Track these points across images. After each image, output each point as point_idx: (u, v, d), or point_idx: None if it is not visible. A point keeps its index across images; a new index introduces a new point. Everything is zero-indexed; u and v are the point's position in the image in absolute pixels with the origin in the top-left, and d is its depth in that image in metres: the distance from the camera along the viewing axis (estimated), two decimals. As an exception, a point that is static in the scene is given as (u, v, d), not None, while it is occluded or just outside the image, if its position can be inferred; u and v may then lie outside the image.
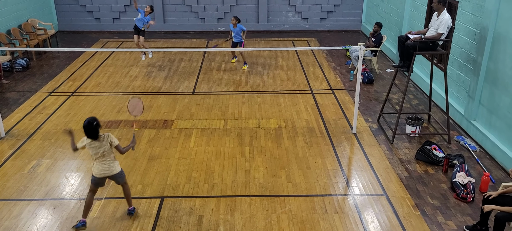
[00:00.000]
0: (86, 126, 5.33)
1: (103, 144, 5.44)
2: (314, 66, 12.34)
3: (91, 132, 5.36)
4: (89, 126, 5.33)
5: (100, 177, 5.59)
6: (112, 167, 5.57)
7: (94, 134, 5.37)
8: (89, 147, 5.47)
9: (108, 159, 5.53)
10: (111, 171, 5.57)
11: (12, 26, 12.95)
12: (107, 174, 5.57)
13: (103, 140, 5.44)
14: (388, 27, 13.28)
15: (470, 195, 6.37)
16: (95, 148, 5.45)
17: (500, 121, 7.48)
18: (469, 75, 8.46)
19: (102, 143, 5.44)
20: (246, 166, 7.25)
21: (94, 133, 5.37)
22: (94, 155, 5.50)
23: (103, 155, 5.49)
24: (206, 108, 9.50)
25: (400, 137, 8.27)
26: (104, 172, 5.55)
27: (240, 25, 11.68)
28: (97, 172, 5.55)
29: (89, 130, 5.34)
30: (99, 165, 5.52)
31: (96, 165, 5.53)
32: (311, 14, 16.26)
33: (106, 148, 5.46)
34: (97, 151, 5.45)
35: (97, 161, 5.52)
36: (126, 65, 12.28)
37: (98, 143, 5.43)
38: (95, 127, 5.36)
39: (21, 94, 10.22)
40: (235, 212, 6.13)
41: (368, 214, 6.11)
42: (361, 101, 9.87)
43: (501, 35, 7.47)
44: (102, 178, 5.60)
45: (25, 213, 6.10)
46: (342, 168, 7.25)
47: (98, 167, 5.52)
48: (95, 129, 5.36)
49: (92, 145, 5.45)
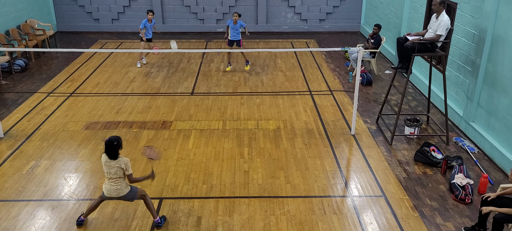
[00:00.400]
0: (107, 144, 5.27)
1: (117, 166, 5.36)
2: (313, 67, 12.34)
3: (110, 151, 5.29)
4: (110, 145, 5.26)
5: (108, 197, 5.56)
6: (119, 189, 5.46)
7: (112, 154, 5.31)
8: (104, 164, 5.42)
9: (117, 181, 5.44)
10: (118, 193, 5.48)
11: (10, 26, 12.94)
12: (113, 195, 5.50)
13: (118, 163, 5.35)
14: (387, 29, 13.30)
15: (468, 197, 6.38)
16: (109, 167, 5.38)
17: (498, 123, 7.50)
18: (467, 77, 8.47)
19: (116, 165, 5.35)
20: (245, 167, 7.25)
21: (113, 152, 5.30)
22: (106, 173, 5.44)
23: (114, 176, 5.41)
24: (205, 109, 9.49)
25: (398, 138, 8.28)
26: (111, 193, 5.49)
27: (240, 21, 11.49)
28: (105, 191, 5.51)
29: (108, 148, 5.28)
30: (108, 185, 5.47)
31: (106, 184, 5.49)
32: (310, 15, 16.28)
33: (118, 171, 5.38)
34: (110, 170, 5.39)
35: (108, 180, 5.47)
36: (125, 66, 12.28)
37: (113, 163, 5.35)
38: (115, 147, 5.28)
39: (19, 95, 10.21)
40: (234, 213, 6.12)
41: (367, 215, 6.11)
42: (360, 102, 9.87)
43: (499, 37, 7.48)
44: (109, 197, 5.57)
45: (24, 213, 6.08)
46: (341, 169, 7.25)
47: (107, 187, 5.48)
48: (115, 148, 5.28)
49: (107, 163, 5.39)
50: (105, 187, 5.51)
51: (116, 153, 5.32)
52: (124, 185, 5.49)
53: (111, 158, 5.33)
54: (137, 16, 16.05)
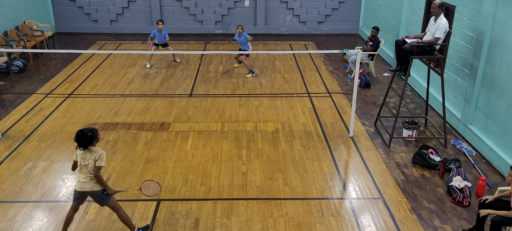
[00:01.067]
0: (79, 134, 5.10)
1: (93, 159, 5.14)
2: (312, 69, 12.36)
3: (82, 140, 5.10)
4: (83, 135, 5.08)
5: (79, 191, 5.29)
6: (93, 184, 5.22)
7: (84, 143, 5.12)
8: (79, 157, 5.20)
9: (92, 175, 5.20)
10: (91, 187, 5.22)
11: (9, 27, 12.92)
12: (86, 189, 5.23)
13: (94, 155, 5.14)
14: (386, 31, 13.32)
15: (466, 199, 6.39)
16: (84, 159, 5.17)
17: (496, 126, 7.51)
18: (465, 80, 8.49)
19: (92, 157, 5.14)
20: (243, 169, 7.24)
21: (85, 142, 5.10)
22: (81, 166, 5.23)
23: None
24: (203, 111, 9.49)
25: (397, 141, 8.29)
26: (84, 187, 5.23)
27: (244, 33, 11.49)
28: (78, 186, 5.26)
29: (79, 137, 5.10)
30: (81, 179, 5.25)
31: (79, 177, 5.27)
32: (309, 18, 16.30)
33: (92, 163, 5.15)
34: (84, 162, 5.17)
35: (81, 174, 5.24)
36: (124, 68, 12.27)
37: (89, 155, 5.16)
38: (89, 137, 5.11)
39: (17, 96, 10.19)
40: (232, 215, 6.12)
41: (365, 217, 6.12)
42: (358, 105, 9.88)
43: (497, 40, 7.50)
44: (81, 193, 5.30)
45: (21, 215, 6.07)
46: (339, 171, 7.25)
47: (80, 181, 5.25)
48: (88, 139, 5.10)
49: (82, 155, 5.19)
50: (77, 182, 5.27)
51: (88, 144, 5.10)
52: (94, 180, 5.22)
53: (82, 147, 5.11)
54: (136, 17, 16.05)
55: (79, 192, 5.30)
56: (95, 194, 5.28)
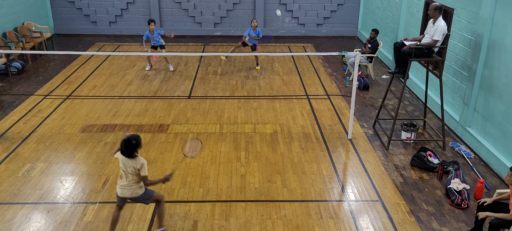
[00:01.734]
0: (125, 141, 5.06)
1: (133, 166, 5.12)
2: (310, 71, 12.36)
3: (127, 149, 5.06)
4: (128, 142, 5.04)
5: (121, 197, 5.33)
6: (133, 190, 5.25)
7: (128, 152, 5.07)
8: (120, 162, 5.20)
9: (132, 182, 5.21)
10: (131, 194, 5.26)
11: (8, 29, 12.91)
12: (127, 195, 5.28)
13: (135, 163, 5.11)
14: (384, 34, 13.34)
15: (464, 202, 6.39)
16: (125, 166, 5.14)
17: (494, 128, 7.52)
18: (464, 82, 8.50)
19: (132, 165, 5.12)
20: (242, 171, 7.24)
21: (129, 151, 5.06)
22: (122, 173, 5.24)
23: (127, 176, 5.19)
24: (202, 113, 9.49)
25: (395, 143, 8.29)
26: (124, 194, 5.27)
27: (258, 29, 12.09)
28: (119, 191, 5.30)
29: (125, 145, 5.06)
30: (122, 185, 5.27)
31: (120, 183, 5.29)
32: (308, 20, 16.32)
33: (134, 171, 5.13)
34: (126, 169, 5.16)
35: (121, 180, 5.27)
36: (122, 69, 12.26)
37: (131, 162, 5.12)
38: (134, 145, 5.05)
39: (16, 97, 10.18)
40: (230, 217, 6.11)
41: (363, 220, 6.11)
42: (357, 107, 9.89)
43: (496, 43, 7.52)
44: (123, 198, 5.35)
45: (19, 217, 6.05)
46: (338, 173, 7.25)
47: (121, 187, 5.28)
48: (133, 147, 5.05)
49: (124, 162, 5.16)
50: (118, 187, 5.29)
51: (132, 151, 5.06)
52: (139, 186, 5.27)
53: (127, 156, 5.09)
54: (135, 19, 16.05)
55: (120, 197, 5.35)
56: (136, 199, 5.33)
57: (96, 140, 8.20)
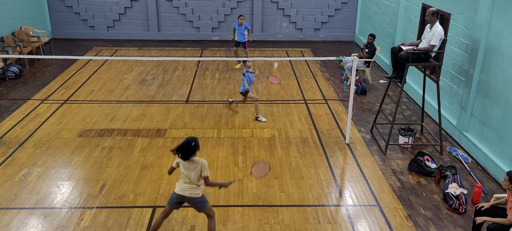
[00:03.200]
0: (184, 144, 5.06)
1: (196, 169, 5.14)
2: (308, 76, 12.38)
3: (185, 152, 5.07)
4: (187, 145, 5.05)
5: (179, 194, 5.28)
6: (193, 191, 5.23)
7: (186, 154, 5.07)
8: (182, 166, 5.21)
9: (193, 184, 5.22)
10: (190, 193, 5.23)
11: (5, 33, 12.89)
12: (186, 194, 5.24)
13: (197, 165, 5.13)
14: (381, 39, 13.39)
15: (462, 206, 6.39)
16: (188, 169, 5.15)
17: (492, 133, 7.54)
18: (461, 87, 8.53)
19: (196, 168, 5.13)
20: (239, 176, 7.23)
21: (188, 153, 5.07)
22: (184, 176, 5.23)
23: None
24: (200, 117, 9.48)
25: (393, 148, 8.30)
26: (183, 192, 5.24)
27: (245, 23, 12.44)
28: (178, 189, 5.28)
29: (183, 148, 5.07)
30: (183, 185, 5.26)
31: (181, 183, 5.28)
32: (305, 25, 16.36)
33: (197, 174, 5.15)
34: (189, 173, 5.16)
35: (182, 181, 5.27)
36: (120, 74, 12.25)
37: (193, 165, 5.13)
38: (193, 147, 5.06)
39: (13, 102, 10.15)
40: (228, 222, 6.09)
41: (361, 224, 6.11)
42: (354, 111, 9.90)
43: (492, 48, 7.55)
44: (180, 197, 5.30)
45: (15, 222, 6.02)
46: (335, 178, 7.25)
47: (181, 186, 5.27)
48: (192, 149, 5.06)
49: (186, 165, 5.16)
50: (178, 186, 5.28)
51: (190, 154, 5.07)
52: (200, 188, 5.26)
53: (184, 159, 5.08)
54: (133, 24, 16.06)
55: (178, 195, 5.28)
56: (193, 200, 5.28)
57: (94, 144, 8.18)
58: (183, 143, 5.05)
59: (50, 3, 15.69)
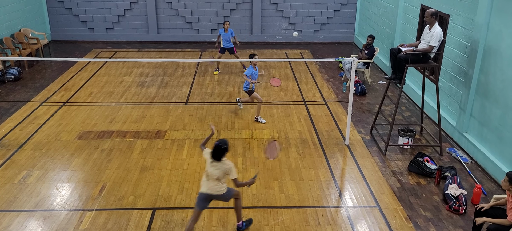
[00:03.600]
0: (216, 146, 5.36)
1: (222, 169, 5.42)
2: (307, 77, 12.39)
3: (217, 153, 5.38)
4: (218, 147, 5.35)
5: (206, 194, 5.53)
6: (219, 189, 5.51)
7: (217, 155, 5.39)
8: (209, 164, 5.46)
9: (218, 182, 5.49)
10: (218, 191, 5.51)
11: (4, 35, 12.89)
12: (214, 193, 5.51)
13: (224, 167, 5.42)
14: (381, 40, 13.40)
15: (462, 207, 6.39)
16: (214, 168, 5.42)
17: (491, 133, 7.55)
18: (460, 88, 8.54)
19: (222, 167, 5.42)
20: (239, 177, 7.22)
21: (219, 154, 5.38)
22: (209, 173, 5.47)
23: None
24: (199, 119, 9.48)
25: (392, 149, 8.30)
26: (211, 191, 5.50)
27: (231, 29, 12.35)
28: (205, 188, 5.52)
29: (215, 150, 5.38)
30: (210, 184, 5.49)
31: (206, 182, 5.51)
32: (304, 26, 16.38)
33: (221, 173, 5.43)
34: (214, 171, 5.42)
35: (208, 180, 5.50)
36: (119, 75, 12.25)
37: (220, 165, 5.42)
38: (223, 150, 5.37)
39: (12, 104, 10.14)
40: (228, 224, 6.09)
41: (361, 226, 6.10)
42: (354, 112, 9.90)
43: (491, 49, 7.56)
44: (208, 195, 5.54)
45: (15, 224, 6.01)
46: (335, 179, 7.24)
47: (207, 185, 5.50)
48: (222, 151, 5.37)
49: (212, 164, 5.43)
50: (204, 185, 5.52)
51: (221, 156, 5.38)
52: (224, 185, 5.55)
53: (215, 159, 5.38)
54: (132, 26, 16.07)
55: (206, 194, 5.53)
56: (220, 196, 5.59)
57: (93, 146, 8.18)
58: (216, 145, 5.37)
59: (49, 5, 15.69)
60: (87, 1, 15.69)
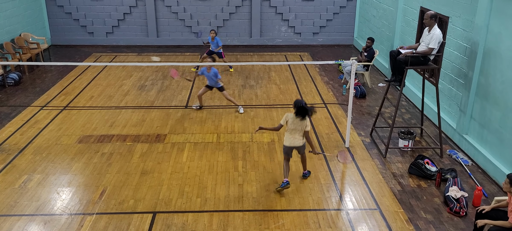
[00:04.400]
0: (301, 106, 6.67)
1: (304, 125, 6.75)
2: (307, 80, 12.40)
3: (303, 112, 6.65)
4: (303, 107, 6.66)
5: (289, 146, 6.86)
6: (300, 140, 6.83)
7: (304, 114, 6.68)
8: (291, 121, 6.75)
9: (299, 135, 6.81)
10: (299, 143, 6.83)
11: (4, 40, 12.91)
12: (296, 144, 6.82)
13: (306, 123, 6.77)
14: (380, 42, 13.42)
15: (463, 209, 6.38)
16: (297, 124, 6.72)
17: (491, 135, 7.54)
18: (460, 90, 8.54)
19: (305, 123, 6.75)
20: (239, 180, 7.22)
21: (305, 113, 6.67)
22: (292, 129, 6.79)
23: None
24: (199, 122, 9.48)
25: (392, 151, 8.30)
26: (294, 143, 6.82)
27: (217, 38, 12.78)
28: (288, 142, 6.84)
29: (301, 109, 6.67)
30: (292, 138, 6.81)
31: (290, 137, 6.83)
32: (304, 29, 16.40)
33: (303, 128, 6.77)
34: (296, 127, 6.74)
35: (291, 134, 6.81)
36: (119, 79, 12.26)
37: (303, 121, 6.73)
38: (308, 110, 6.70)
39: (12, 109, 10.14)
40: (228, 227, 6.08)
41: (362, 228, 6.09)
42: (354, 115, 9.91)
43: (491, 50, 7.57)
44: (290, 148, 6.87)
45: (15, 229, 6.00)
46: (335, 182, 7.24)
47: (290, 140, 6.82)
48: (307, 111, 6.68)
49: (295, 121, 6.72)
50: (288, 140, 6.83)
51: (306, 114, 6.67)
52: (303, 139, 6.86)
53: (303, 116, 6.67)
54: (132, 30, 16.09)
55: (290, 147, 6.87)
56: (300, 147, 6.91)
57: (93, 150, 8.17)
58: (301, 105, 6.67)
59: (49, 9, 15.72)
60: (87, 5, 15.72)
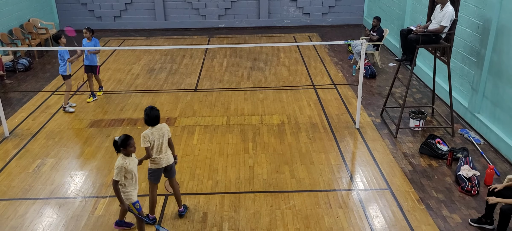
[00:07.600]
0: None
1: None
2: (316, 61, 12.31)
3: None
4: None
5: None
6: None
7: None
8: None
9: None
10: None
11: (13, 26, 12.97)
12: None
13: None
14: (390, 21, 13.22)
15: (474, 188, 6.36)
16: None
17: (504, 114, 7.45)
18: (472, 68, 8.42)
19: None
20: (250, 162, 7.25)
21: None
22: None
23: None
24: (209, 105, 9.49)
25: (403, 131, 8.25)
26: None
27: (95, 38, 9.72)
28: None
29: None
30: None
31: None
32: (312, 9, 16.21)
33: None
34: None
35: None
36: (128, 64, 12.29)
37: None
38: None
39: (24, 94, 10.24)
40: (240, 208, 6.13)
41: (373, 208, 6.11)
42: (364, 95, 9.84)
43: (504, 27, 7.42)
44: None
45: (31, 212, 6.12)
46: (346, 163, 7.23)
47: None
48: None
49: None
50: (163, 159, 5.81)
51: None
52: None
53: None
54: (139, 13, 16.05)
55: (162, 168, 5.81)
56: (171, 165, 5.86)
57: (105, 134, 8.25)
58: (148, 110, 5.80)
59: (57, -6, 15.73)
60: (94, -11, 15.69)
